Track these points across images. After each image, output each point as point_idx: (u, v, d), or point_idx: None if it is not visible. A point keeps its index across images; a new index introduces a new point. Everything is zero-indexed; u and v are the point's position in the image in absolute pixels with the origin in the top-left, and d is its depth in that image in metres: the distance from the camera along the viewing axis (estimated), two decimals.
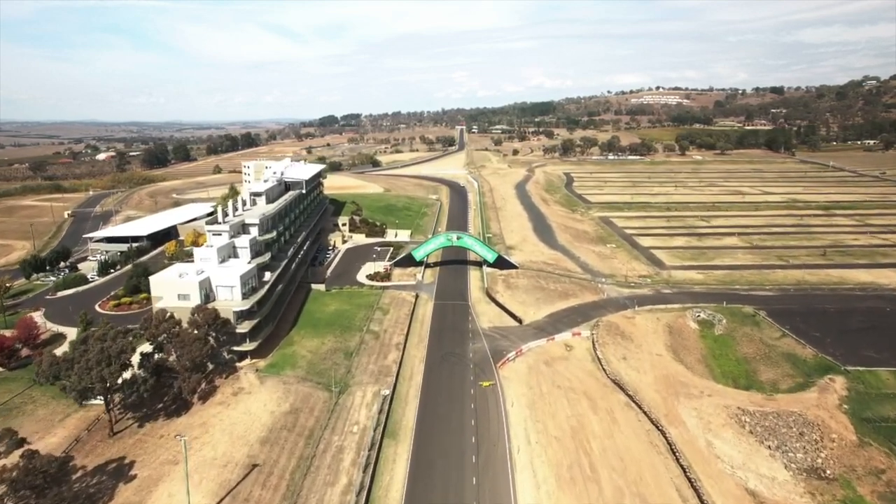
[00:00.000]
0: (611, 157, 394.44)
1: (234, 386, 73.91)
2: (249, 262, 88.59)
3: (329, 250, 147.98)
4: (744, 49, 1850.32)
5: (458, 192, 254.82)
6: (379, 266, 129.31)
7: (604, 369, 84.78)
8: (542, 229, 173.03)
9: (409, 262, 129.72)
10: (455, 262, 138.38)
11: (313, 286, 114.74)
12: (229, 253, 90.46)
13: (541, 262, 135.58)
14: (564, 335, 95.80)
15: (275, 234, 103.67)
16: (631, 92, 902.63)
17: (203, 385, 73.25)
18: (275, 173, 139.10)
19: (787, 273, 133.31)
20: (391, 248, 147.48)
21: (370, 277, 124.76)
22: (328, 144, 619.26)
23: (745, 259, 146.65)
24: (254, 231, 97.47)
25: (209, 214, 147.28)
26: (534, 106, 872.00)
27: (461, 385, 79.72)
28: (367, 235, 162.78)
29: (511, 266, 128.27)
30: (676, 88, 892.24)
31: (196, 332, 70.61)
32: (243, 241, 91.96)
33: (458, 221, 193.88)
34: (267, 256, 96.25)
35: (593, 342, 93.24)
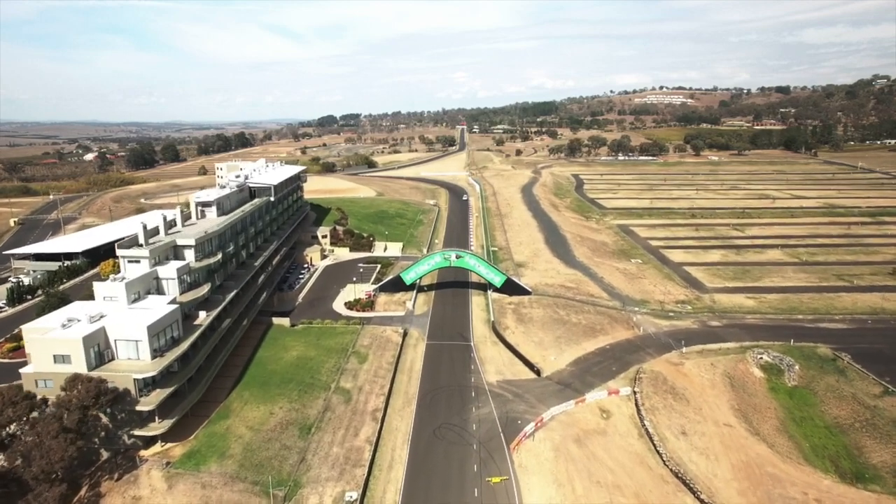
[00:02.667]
0: (621, 157, 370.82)
1: (128, 494, 50.48)
2: (174, 302, 65.09)
3: (304, 269, 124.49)
4: (745, 49, 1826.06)
5: (458, 196, 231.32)
6: (361, 290, 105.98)
7: (658, 451, 61.30)
8: (556, 241, 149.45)
9: (397, 285, 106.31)
10: (454, 285, 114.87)
11: (275, 321, 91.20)
12: (149, 287, 67.09)
13: (558, 285, 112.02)
14: (598, 394, 72.28)
15: (220, 256, 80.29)
16: (634, 92, 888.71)
17: (83, 491, 49.93)
18: (238, 177, 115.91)
19: (856, 298, 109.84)
20: (378, 266, 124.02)
21: (349, 306, 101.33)
22: (324, 144, 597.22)
23: (799, 279, 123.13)
24: (188, 255, 74.18)
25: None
26: (535, 106, 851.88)
27: (461, 481, 56.19)
28: (352, 249, 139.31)
29: (523, 291, 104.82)
30: (680, 88, 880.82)
31: (65, 417, 47.26)
32: (170, 270, 68.61)
33: (458, 231, 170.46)
34: (205, 289, 72.91)
35: (637, 405, 69.86)
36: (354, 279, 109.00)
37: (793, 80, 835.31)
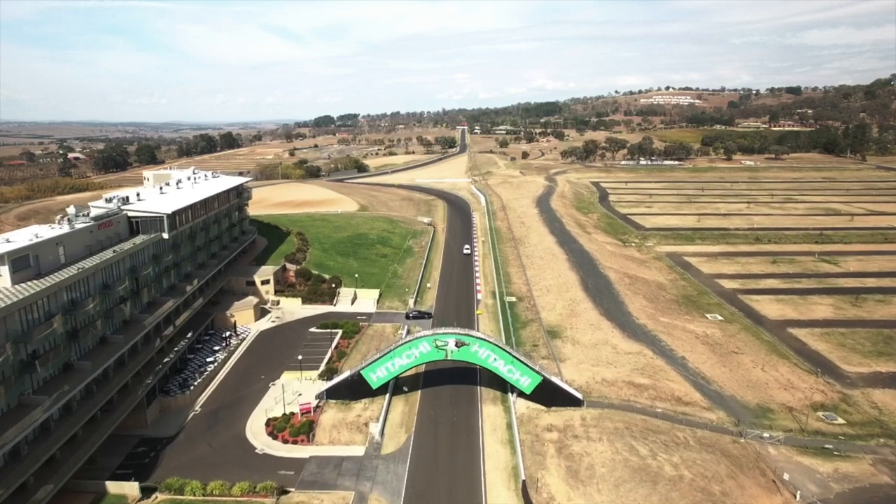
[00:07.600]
0: (643, 162, 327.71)
1: None
2: None
3: (224, 339, 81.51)
4: (747, 51, 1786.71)
5: (459, 211, 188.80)
6: (300, 394, 63.18)
7: None
8: (598, 286, 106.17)
9: (356, 389, 63.46)
10: (452, 379, 71.58)
11: (111, 488, 48.02)
12: None
13: (622, 382, 68.78)
14: None
15: None
16: (640, 92, 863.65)
17: None
18: (109, 201, 73.05)
19: None
20: (338, 333, 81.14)
21: (273, 429, 58.54)
22: (316, 146, 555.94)
23: None
24: None
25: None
26: (538, 106, 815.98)
27: None
28: (306, 300, 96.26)
29: (569, 399, 61.86)
30: (687, 89, 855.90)
31: None
32: None
33: (458, 266, 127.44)
34: None
35: None
36: (297, 360, 66.10)
37: (795, 82, 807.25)
